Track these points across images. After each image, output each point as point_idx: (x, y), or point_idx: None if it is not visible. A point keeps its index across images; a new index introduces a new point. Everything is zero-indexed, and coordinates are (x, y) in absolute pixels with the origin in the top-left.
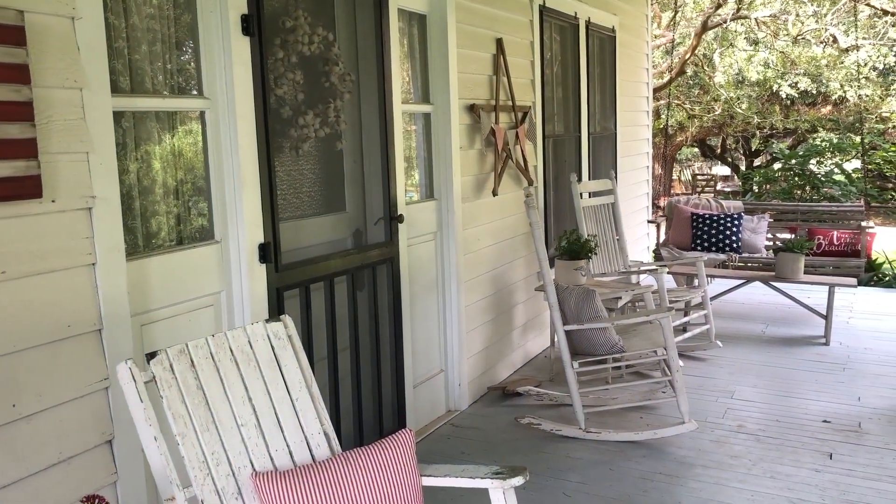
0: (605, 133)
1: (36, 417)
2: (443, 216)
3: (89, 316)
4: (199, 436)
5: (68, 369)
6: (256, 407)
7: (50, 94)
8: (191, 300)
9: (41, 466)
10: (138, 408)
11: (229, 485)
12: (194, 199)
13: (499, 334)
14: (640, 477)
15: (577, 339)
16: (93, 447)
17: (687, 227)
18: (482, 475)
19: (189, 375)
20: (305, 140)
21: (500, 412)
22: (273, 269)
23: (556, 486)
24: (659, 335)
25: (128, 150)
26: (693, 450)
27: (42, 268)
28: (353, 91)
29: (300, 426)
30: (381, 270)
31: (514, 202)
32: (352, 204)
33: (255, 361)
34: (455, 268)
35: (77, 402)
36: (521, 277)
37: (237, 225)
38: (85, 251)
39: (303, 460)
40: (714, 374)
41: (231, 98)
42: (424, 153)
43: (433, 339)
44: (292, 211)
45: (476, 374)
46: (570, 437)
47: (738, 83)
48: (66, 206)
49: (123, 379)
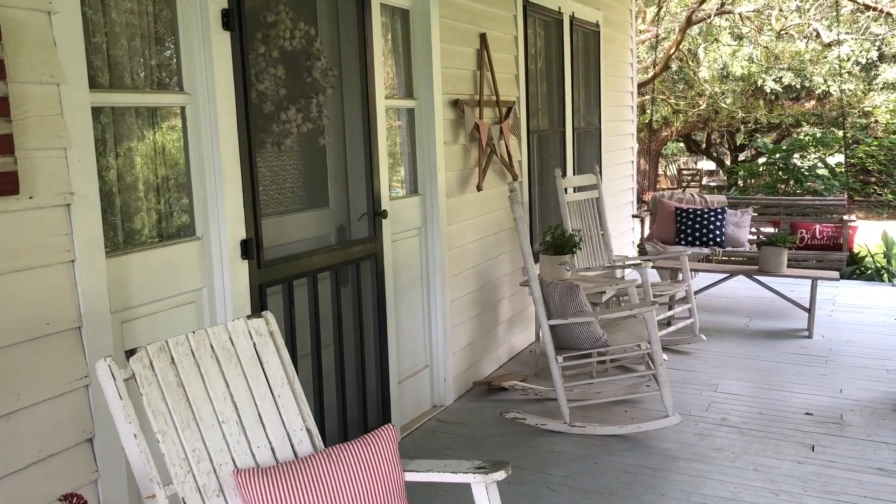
0: (590, 128)
1: (14, 416)
2: (427, 211)
3: (68, 313)
4: (179, 433)
5: (47, 367)
6: (238, 404)
7: (26, 90)
8: (172, 297)
9: (20, 465)
10: (118, 405)
11: (211, 482)
12: (175, 195)
13: (484, 329)
14: (625, 470)
15: (562, 334)
16: (73, 445)
17: (671, 222)
18: (464, 470)
19: (169, 372)
20: (288, 135)
21: (486, 407)
22: (255, 265)
23: (541, 480)
24: (643, 329)
25: (107, 146)
26: (677, 443)
27: (19, 265)
28: (335, 86)
29: (282, 423)
30: (364, 266)
31: (499, 197)
32: (335, 200)
33: (236, 358)
34: (440, 263)
35: (56, 401)
36: (507, 273)
37: (218, 221)
38: (63, 248)
39: (285, 457)
40: (698, 367)
41: (212, 93)
42: (408, 148)
43: (418, 334)
44: (274, 207)
45: (461, 370)
46: (555, 431)
47: (722, 78)
48: (43, 202)
49: (103, 376)
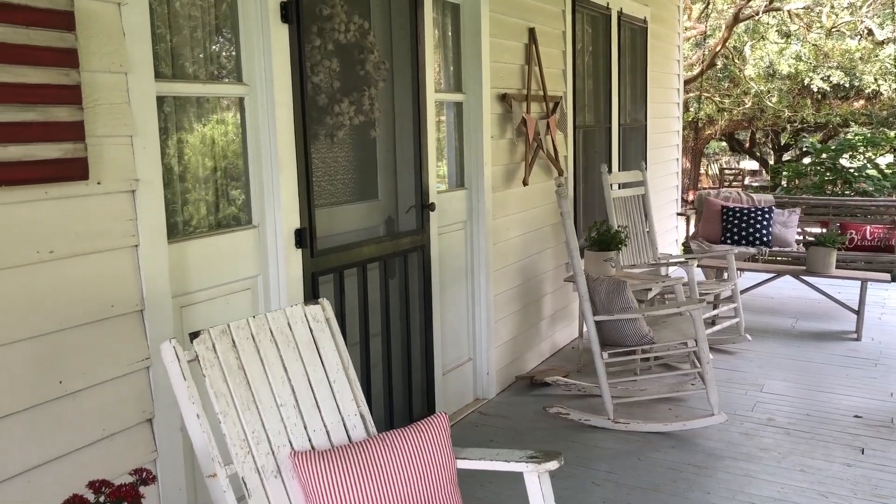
0: (636, 124)
1: (80, 394)
2: (473, 205)
3: (132, 297)
4: (240, 415)
5: (111, 349)
6: (295, 387)
7: (96, 79)
8: (228, 283)
9: (87, 442)
10: (181, 386)
11: (269, 463)
12: (232, 184)
13: (527, 324)
14: (669, 467)
15: (607, 330)
16: (134, 425)
17: (717, 221)
18: (517, 459)
19: (231, 355)
20: (340, 128)
21: (528, 401)
22: (308, 254)
23: (585, 474)
24: (689, 327)
25: (168, 135)
26: (722, 442)
27: (87, 248)
28: (387, 79)
29: (337, 408)
30: (412, 258)
31: (544, 192)
32: (384, 192)
33: (293, 343)
34: (484, 257)
35: (120, 381)
36: (550, 268)
37: (274, 210)
38: (128, 233)
39: (339, 441)
40: (743, 367)
41: (269, 85)
42: (455, 142)
43: (462, 327)
44: (326, 198)
45: (504, 364)
46: (599, 427)
47: (768, 76)
48: (110, 188)
49: (167, 357)
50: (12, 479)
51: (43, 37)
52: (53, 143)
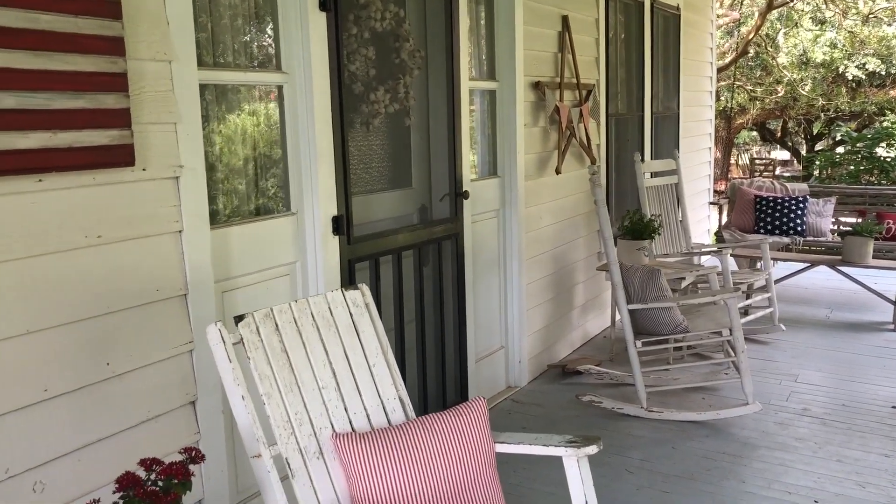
0: (668, 113)
1: (127, 376)
2: (506, 193)
3: (176, 281)
4: (283, 397)
5: (156, 331)
6: (336, 371)
7: (142, 67)
8: (268, 269)
9: (133, 423)
10: (227, 368)
11: (311, 444)
12: (271, 171)
13: (558, 313)
14: (703, 456)
15: (641, 319)
16: (178, 407)
17: (750, 210)
18: (556, 443)
19: (274, 338)
20: (376, 116)
21: (560, 389)
22: (345, 241)
23: (619, 462)
24: (724, 316)
25: (209, 123)
26: (756, 431)
27: (134, 233)
28: (422, 67)
29: (377, 391)
30: (445, 246)
31: (577, 181)
32: (418, 180)
33: (334, 327)
34: (517, 245)
35: (164, 364)
36: (582, 257)
37: (312, 197)
38: (172, 218)
39: (379, 424)
40: (777, 357)
41: (308, 73)
42: (488, 130)
43: (494, 315)
44: (362, 185)
45: (536, 352)
46: (632, 415)
47: (802, 64)
48: (155, 174)
49: (213, 340)
50: (63, 458)
51: (91, 25)
52: (101, 130)
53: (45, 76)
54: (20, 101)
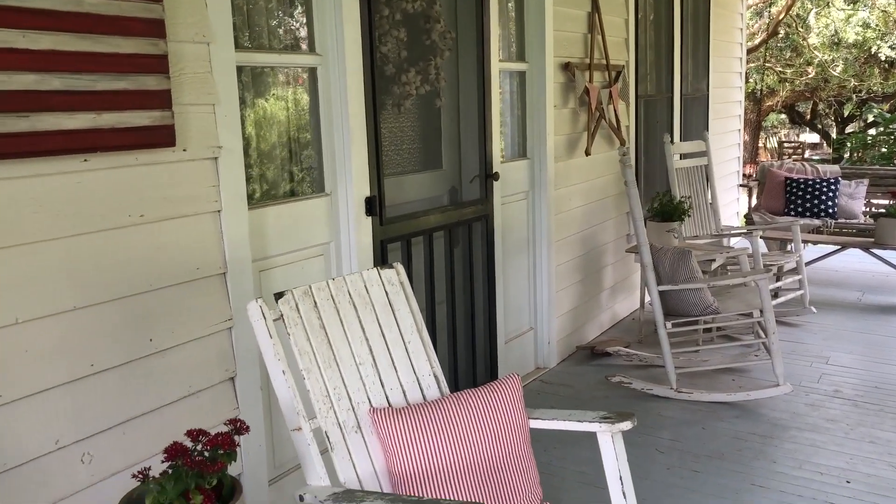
0: (697, 94)
1: (169, 352)
2: (535, 175)
3: (215, 260)
4: (322, 372)
5: (197, 309)
6: (372, 347)
7: (181, 48)
8: (303, 249)
9: (174, 398)
10: (267, 343)
11: (350, 419)
12: (305, 152)
13: (587, 295)
14: (734, 437)
15: (671, 300)
16: (217, 383)
17: (780, 192)
18: (590, 419)
19: (313, 315)
20: (407, 97)
21: (589, 371)
22: (378, 222)
23: (649, 442)
24: (754, 297)
25: (245, 105)
26: (787, 413)
27: (175, 213)
28: (452, 49)
29: (412, 368)
30: (476, 227)
31: (606, 163)
32: (448, 161)
33: (370, 305)
34: (546, 227)
35: (204, 340)
36: (611, 239)
37: (346, 178)
38: (212, 198)
39: (415, 399)
40: (807, 339)
41: (341, 54)
42: (518, 112)
43: (524, 296)
44: (393, 167)
45: (565, 334)
46: (661, 396)
47: (833, 45)
48: (195, 155)
49: (254, 316)
50: (109, 431)
51: (133, 8)
52: (143, 111)
53: (89, 58)
54: (66, 82)
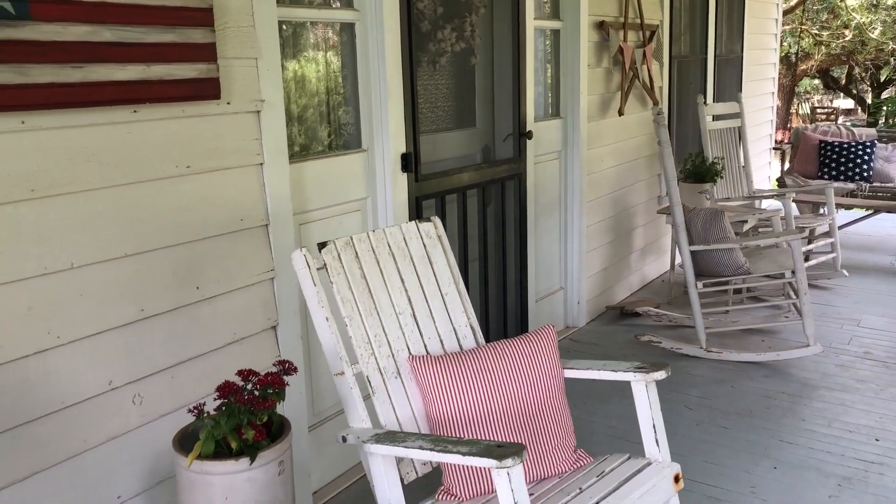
0: (731, 56)
1: (215, 300)
2: (568, 135)
3: (258, 212)
4: (363, 320)
5: (241, 259)
6: (411, 298)
7: (226, 2)
8: (341, 204)
9: (220, 344)
10: (311, 291)
11: (389, 365)
12: (343, 108)
13: (617, 256)
14: (763, 395)
15: (703, 260)
16: (260, 331)
17: (814, 155)
18: (624, 369)
19: (354, 265)
20: (442, 54)
21: (619, 330)
22: (413, 178)
23: (678, 399)
24: (786, 258)
25: (285, 60)
26: (817, 373)
27: (219, 165)
28: (487, 6)
29: (449, 319)
30: (509, 186)
31: (639, 123)
32: (482, 120)
33: (409, 257)
34: (578, 187)
35: (248, 290)
36: (642, 201)
37: (382, 135)
38: (254, 151)
39: (452, 348)
40: (838, 302)
41: (379, 10)
42: (551, 71)
43: (554, 256)
44: (428, 124)
45: (594, 294)
46: (691, 355)
47: (871, 7)
48: (239, 108)
49: (298, 264)
50: (160, 374)
51: None
52: (190, 64)
53: (138, 11)
54: (117, 34)
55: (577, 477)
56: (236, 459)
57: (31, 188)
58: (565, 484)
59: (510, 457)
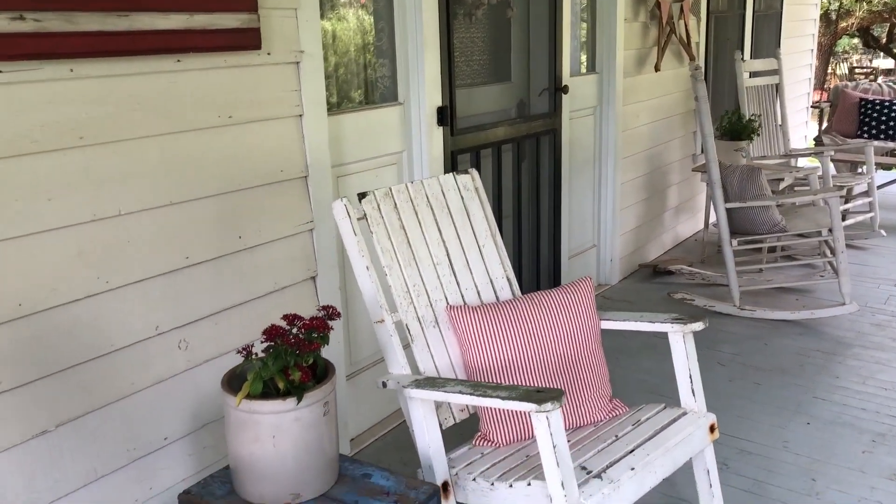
0: (770, 12)
1: (257, 250)
2: (603, 90)
3: (297, 163)
4: (402, 269)
5: (281, 210)
6: (449, 249)
7: None
8: (377, 157)
9: (261, 293)
10: (352, 240)
11: (428, 314)
12: (380, 61)
13: (651, 214)
14: (796, 353)
15: (738, 218)
16: (300, 281)
17: (853, 114)
18: (661, 320)
19: (393, 216)
20: (479, 6)
21: (651, 288)
22: (449, 132)
23: (711, 355)
24: (823, 216)
25: (323, 11)
26: (852, 331)
27: (260, 115)
28: None
29: (486, 270)
30: (543, 141)
31: (675, 79)
32: (517, 74)
33: (447, 209)
34: (613, 144)
35: (288, 240)
36: (676, 159)
37: (418, 87)
38: (294, 102)
39: (488, 300)
40: (875, 262)
41: None
42: (587, 25)
43: (588, 213)
44: (463, 78)
45: (627, 252)
46: (724, 313)
47: None
48: (279, 58)
49: (339, 214)
50: (204, 320)
51: None
52: (232, 13)
53: None
54: None
55: (613, 425)
56: (283, 399)
57: (79, 136)
58: (601, 431)
59: (550, 401)
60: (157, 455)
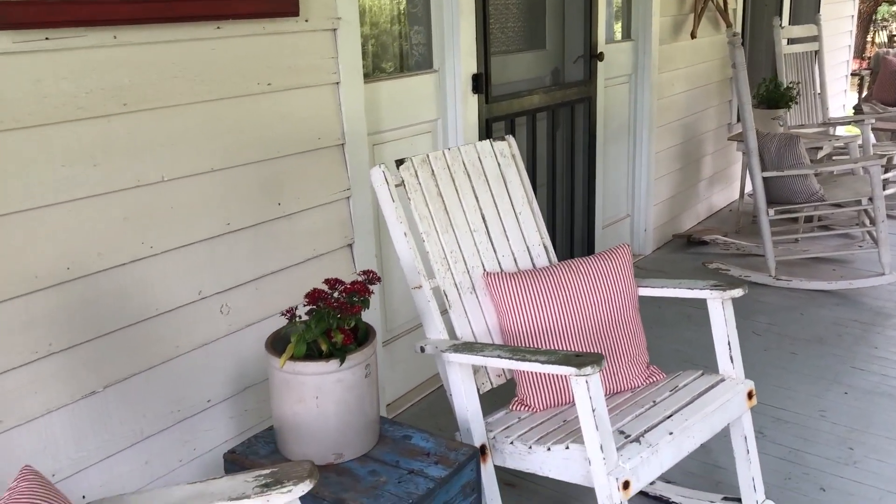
0: None
1: (295, 217)
2: (639, 58)
3: (334, 131)
4: (440, 236)
5: (318, 177)
6: (486, 216)
7: None
8: (412, 125)
9: (300, 259)
10: (390, 206)
11: (465, 281)
12: (415, 28)
13: (685, 184)
14: (833, 323)
15: (775, 187)
16: (337, 248)
17: (895, 81)
18: (700, 287)
19: (431, 183)
20: None
21: (686, 258)
22: (483, 100)
23: (746, 325)
24: (863, 186)
25: None
26: (891, 301)
27: (298, 83)
28: None
29: (523, 237)
30: (578, 109)
31: (711, 47)
32: (552, 41)
33: (483, 176)
34: (648, 112)
35: (325, 208)
36: (711, 128)
37: (454, 55)
38: (331, 70)
39: (525, 266)
40: None
41: None
42: None
43: (622, 183)
44: (498, 45)
45: (661, 222)
46: (759, 283)
47: None
48: (316, 25)
49: (377, 181)
50: (245, 285)
51: None
52: None
53: None
54: None
55: (651, 391)
56: (326, 361)
57: (123, 102)
58: (639, 397)
59: (589, 365)
60: (200, 417)
